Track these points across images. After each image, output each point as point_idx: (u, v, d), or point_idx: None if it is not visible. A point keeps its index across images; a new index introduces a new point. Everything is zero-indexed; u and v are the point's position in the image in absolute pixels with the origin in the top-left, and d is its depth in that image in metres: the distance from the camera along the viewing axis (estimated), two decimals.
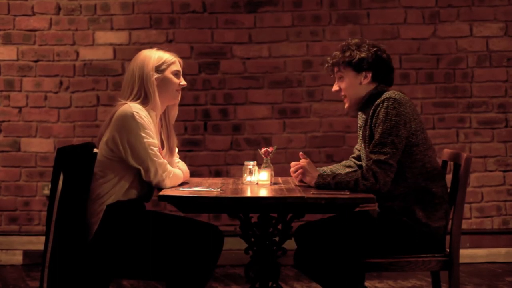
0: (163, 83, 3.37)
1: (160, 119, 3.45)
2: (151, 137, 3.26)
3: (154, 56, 3.39)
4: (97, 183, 3.27)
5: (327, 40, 5.41)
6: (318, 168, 3.45)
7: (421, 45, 5.43)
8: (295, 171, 3.36)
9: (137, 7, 5.44)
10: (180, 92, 3.45)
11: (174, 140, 3.51)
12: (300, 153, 3.41)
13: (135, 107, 3.26)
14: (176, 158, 3.58)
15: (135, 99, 3.32)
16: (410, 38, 5.43)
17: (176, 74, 3.41)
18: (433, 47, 5.43)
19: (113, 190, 3.26)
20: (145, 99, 3.32)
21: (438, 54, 5.43)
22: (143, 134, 3.22)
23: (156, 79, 3.35)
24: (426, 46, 5.43)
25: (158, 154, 3.27)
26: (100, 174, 3.28)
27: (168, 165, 3.31)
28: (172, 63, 3.41)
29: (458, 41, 5.43)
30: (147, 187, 3.36)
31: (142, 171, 3.25)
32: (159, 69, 3.37)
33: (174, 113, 3.51)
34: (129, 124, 3.22)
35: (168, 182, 3.29)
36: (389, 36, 5.40)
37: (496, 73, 5.44)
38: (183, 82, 3.44)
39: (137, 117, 3.23)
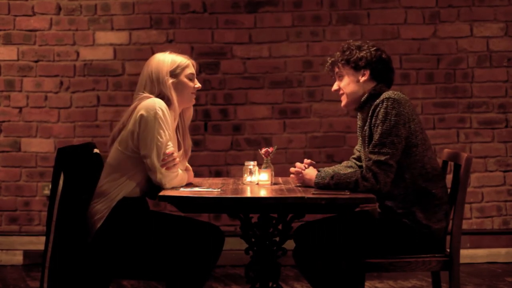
0: (178, 87, 3.36)
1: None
2: (165, 136, 3.24)
3: (167, 60, 3.37)
4: (105, 182, 3.26)
5: (327, 40, 5.41)
6: (320, 168, 3.45)
7: (422, 45, 5.43)
8: (295, 174, 3.37)
9: (137, 7, 5.44)
10: (195, 94, 3.45)
11: (189, 142, 3.51)
12: (307, 160, 3.42)
13: (160, 103, 3.25)
14: None
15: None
16: (410, 38, 5.43)
17: (190, 77, 3.40)
18: (433, 47, 5.43)
19: (119, 188, 3.25)
20: (167, 101, 3.32)
21: (438, 54, 5.43)
22: (160, 131, 3.21)
23: (172, 83, 3.34)
24: (426, 46, 5.43)
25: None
26: (110, 172, 3.26)
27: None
28: (186, 66, 3.39)
29: (459, 41, 5.43)
30: (153, 185, 3.34)
31: (147, 166, 3.24)
32: (173, 73, 3.36)
33: (189, 114, 3.52)
34: (150, 117, 3.20)
35: (169, 182, 3.28)
36: (389, 36, 5.40)
37: (496, 73, 5.44)
38: (198, 85, 3.44)
39: (159, 112, 3.22)
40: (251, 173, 3.39)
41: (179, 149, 3.42)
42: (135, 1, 5.43)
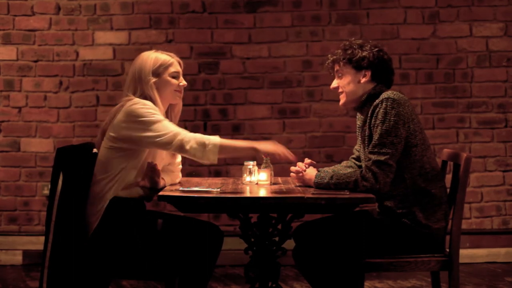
0: (161, 86, 3.34)
1: None
2: (160, 115, 3.23)
3: (150, 59, 3.35)
4: (97, 182, 3.26)
5: (326, 40, 5.41)
6: (319, 168, 3.45)
7: (421, 45, 5.43)
8: (296, 174, 3.37)
9: (136, 7, 5.44)
10: (181, 92, 3.41)
11: None
12: (308, 160, 3.41)
13: (144, 101, 3.25)
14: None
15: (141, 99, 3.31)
16: (410, 38, 5.43)
17: (174, 75, 3.38)
18: (432, 47, 5.43)
19: (110, 186, 3.23)
20: (150, 101, 3.30)
21: (437, 54, 5.43)
22: (153, 113, 3.20)
23: (154, 83, 3.32)
24: (425, 46, 5.43)
25: (170, 125, 3.22)
26: (101, 172, 3.26)
27: (185, 133, 3.23)
28: (170, 65, 3.36)
29: (458, 41, 5.43)
30: (150, 188, 3.33)
31: (160, 140, 3.18)
32: (156, 72, 3.33)
33: (177, 111, 3.47)
34: (138, 111, 3.20)
35: (189, 148, 3.17)
36: (389, 36, 5.40)
37: (496, 73, 5.44)
38: (183, 83, 3.40)
39: (146, 105, 3.22)
40: (250, 173, 3.39)
41: None
42: (134, 1, 5.43)
